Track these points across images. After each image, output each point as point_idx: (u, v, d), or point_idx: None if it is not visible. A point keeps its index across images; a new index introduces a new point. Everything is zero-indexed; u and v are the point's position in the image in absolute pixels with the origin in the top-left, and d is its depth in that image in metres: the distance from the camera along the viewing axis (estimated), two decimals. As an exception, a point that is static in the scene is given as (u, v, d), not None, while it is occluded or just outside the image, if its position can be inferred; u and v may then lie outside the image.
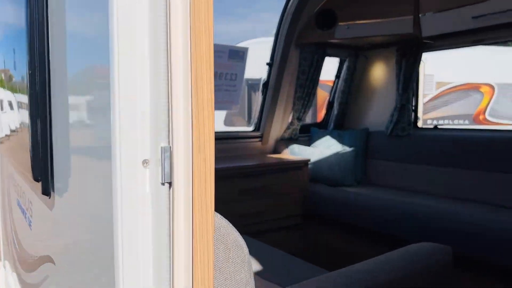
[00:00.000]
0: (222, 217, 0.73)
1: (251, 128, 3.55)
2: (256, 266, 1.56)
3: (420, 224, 2.36)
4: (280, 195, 3.01)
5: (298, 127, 3.67)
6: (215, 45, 3.06)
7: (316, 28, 3.28)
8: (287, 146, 3.58)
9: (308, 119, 6.39)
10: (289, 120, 3.63)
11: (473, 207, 2.59)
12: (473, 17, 2.55)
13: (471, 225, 2.14)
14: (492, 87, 8.08)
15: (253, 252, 1.68)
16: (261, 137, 3.50)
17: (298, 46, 3.41)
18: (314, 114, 5.95)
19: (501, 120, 8.10)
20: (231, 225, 0.73)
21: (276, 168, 2.98)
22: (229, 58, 3.09)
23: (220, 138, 3.25)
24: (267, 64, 3.35)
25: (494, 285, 2.05)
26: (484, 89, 8.12)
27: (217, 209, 0.68)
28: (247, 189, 2.78)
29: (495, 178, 2.69)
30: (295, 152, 3.49)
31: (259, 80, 3.53)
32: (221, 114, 5.94)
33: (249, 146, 3.44)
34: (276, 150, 3.62)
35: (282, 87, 3.41)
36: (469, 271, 2.13)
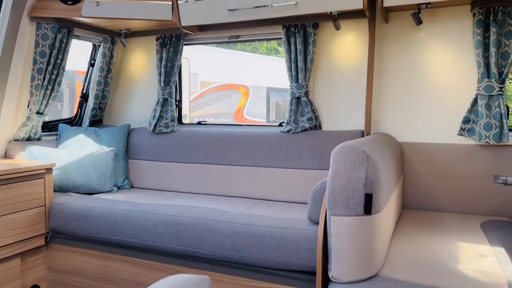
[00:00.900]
0: None
1: (-37, 126, 2.57)
2: None
3: (183, 232, 2.12)
4: (10, 214, 2.26)
5: (40, 124, 2.91)
6: None
7: (58, 0, 2.63)
8: (24, 149, 2.78)
9: (66, 114, 5.47)
10: (26, 115, 2.83)
11: (241, 204, 2.56)
12: (229, 10, 2.47)
13: (237, 225, 2.03)
14: (248, 88, 9.04)
15: None
16: (-19, 137, 2.58)
17: (34, 20, 2.66)
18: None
19: (254, 118, 9.20)
20: None
21: (3, 179, 2.21)
22: None
23: None
24: (-15, 38, 2.48)
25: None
26: (242, 90, 9.00)
27: None
28: None
29: (258, 172, 2.75)
30: (35, 156, 2.74)
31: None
32: None
33: (-39, 150, 2.47)
34: (8, 154, 2.76)
35: (11, 71, 2.59)
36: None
